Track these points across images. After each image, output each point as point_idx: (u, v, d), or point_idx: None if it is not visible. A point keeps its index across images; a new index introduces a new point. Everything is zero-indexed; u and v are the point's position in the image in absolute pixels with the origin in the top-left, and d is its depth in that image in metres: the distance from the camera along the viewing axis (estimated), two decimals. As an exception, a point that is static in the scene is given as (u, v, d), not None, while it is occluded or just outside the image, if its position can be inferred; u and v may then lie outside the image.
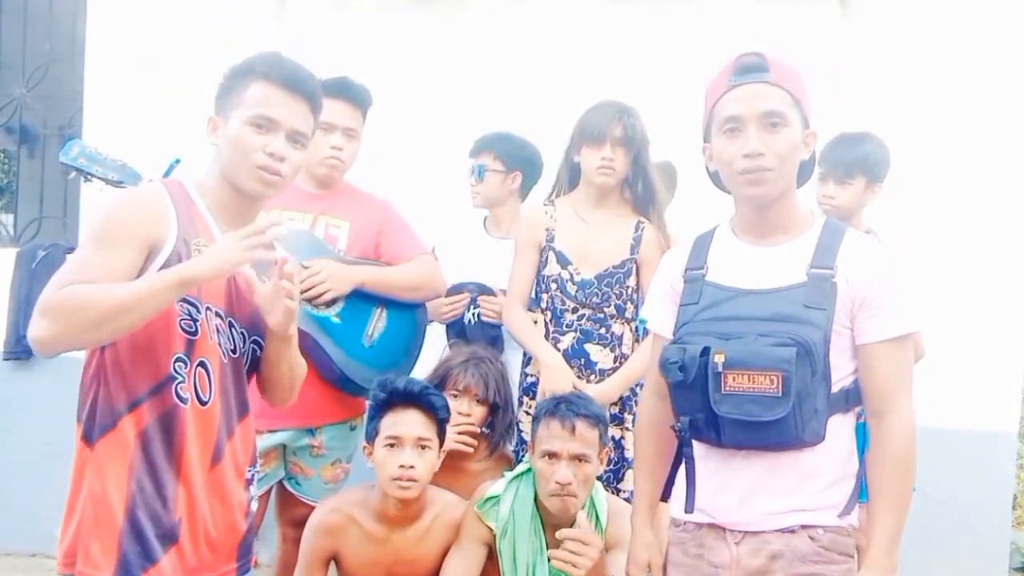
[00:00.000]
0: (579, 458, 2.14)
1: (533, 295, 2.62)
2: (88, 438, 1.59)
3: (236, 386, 1.71)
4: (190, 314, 1.60)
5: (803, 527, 1.59)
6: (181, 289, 1.50)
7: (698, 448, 1.69)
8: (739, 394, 1.56)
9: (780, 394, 1.52)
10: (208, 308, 1.63)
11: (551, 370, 2.45)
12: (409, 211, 2.71)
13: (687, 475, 1.71)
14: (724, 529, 1.64)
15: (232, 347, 1.69)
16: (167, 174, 2.28)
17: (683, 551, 1.70)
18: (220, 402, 1.66)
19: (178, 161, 2.32)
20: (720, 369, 1.56)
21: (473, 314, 2.72)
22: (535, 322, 2.57)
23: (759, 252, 1.67)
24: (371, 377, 2.42)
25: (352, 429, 2.58)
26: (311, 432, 2.48)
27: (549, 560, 2.15)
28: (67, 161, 2.27)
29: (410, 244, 2.58)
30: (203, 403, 1.63)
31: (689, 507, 1.70)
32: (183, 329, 1.60)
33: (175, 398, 1.59)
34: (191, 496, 1.62)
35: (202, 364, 1.62)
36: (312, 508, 2.43)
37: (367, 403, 2.36)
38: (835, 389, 1.59)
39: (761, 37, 3.40)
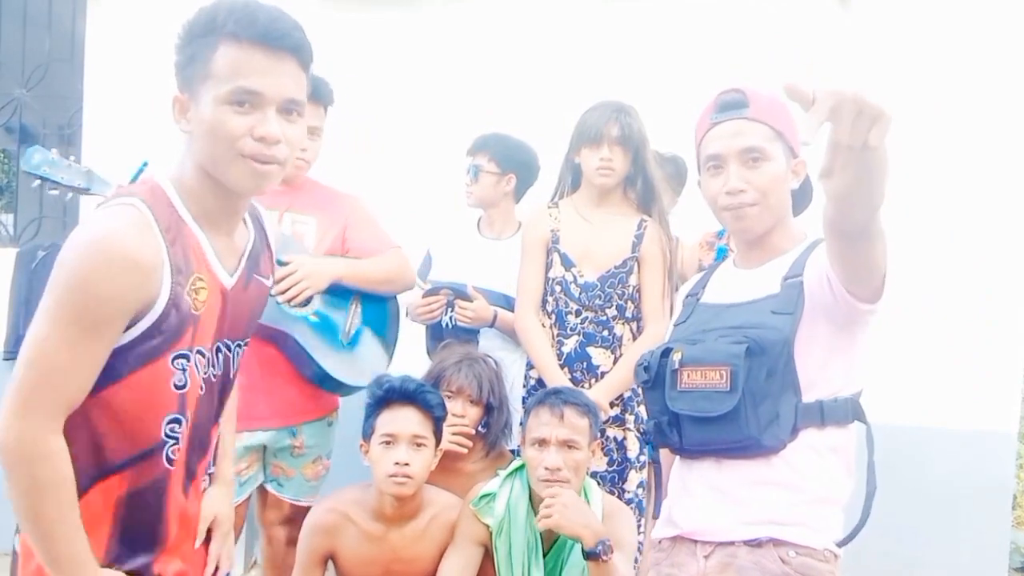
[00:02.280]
0: (568, 444, 2.16)
1: None
2: None
3: (207, 409, 1.45)
4: (183, 368, 1.34)
5: (774, 543, 1.53)
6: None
7: (674, 460, 1.72)
8: (693, 391, 1.58)
9: (728, 388, 1.53)
10: (199, 351, 1.38)
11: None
12: (404, 210, 2.71)
13: (656, 479, 1.76)
14: (695, 542, 1.62)
15: (216, 372, 1.44)
16: (136, 177, 2.16)
17: (657, 572, 1.69)
18: (191, 437, 1.42)
19: (146, 164, 2.18)
20: (676, 366, 1.60)
21: (450, 318, 2.72)
22: (542, 325, 2.57)
23: (746, 274, 1.71)
24: (351, 374, 2.42)
25: (329, 425, 2.57)
26: (292, 432, 2.45)
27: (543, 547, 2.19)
28: (29, 169, 2.16)
29: (378, 238, 2.55)
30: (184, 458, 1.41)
31: (656, 511, 1.72)
32: (175, 387, 1.34)
33: (165, 463, 1.36)
34: (169, 551, 1.41)
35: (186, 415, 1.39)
36: (296, 506, 2.45)
37: (339, 399, 2.40)
38: (808, 399, 1.55)
39: (761, 34, 3.42)
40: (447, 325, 2.71)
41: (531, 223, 2.63)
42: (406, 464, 2.14)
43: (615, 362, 2.51)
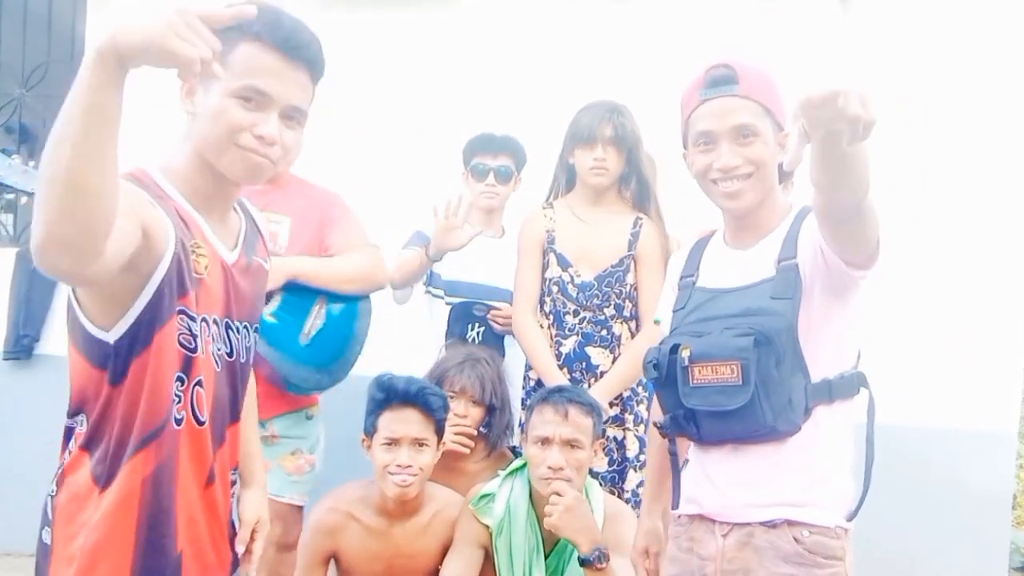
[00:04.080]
0: (571, 443, 2.16)
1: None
2: (99, 480, 1.36)
3: (229, 392, 1.51)
4: (189, 328, 1.38)
5: (788, 524, 1.57)
6: (99, 63, 1.10)
7: (690, 443, 1.74)
8: (706, 386, 1.59)
9: (741, 382, 1.54)
10: (204, 320, 1.41)
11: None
12: (404, 209, 2.69)
13: (672, 471, 1.77)
14: (714, 522, 1.65)
15: (229, 351, 1.50)
16: None
17: (677, 545, 1.73)
18: (215, 420, 1.47)
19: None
20: (687, 363, 1.61)
21: (477, 332, 2.72)
22: (540, 326, 2.57)
23: (738, 254, 1.71)
24: (309, 376, 2.38)
25: (308, 418, 2.51)
26: (261, 424, 2.25)
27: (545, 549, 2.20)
28: None
29: (355, 236, 2.47)
30: (200, 423, 1.42)
31: (675, 503, 1.75)
32: (182, 345, 1.38)
33: (174, 424, 1.38)
34: (189, 522, 1.44)
35: (199, 383, 1.41)
36: (278, 503, 2.35)
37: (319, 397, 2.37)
38: (816, 380, 1.58)
39: (761, 34, 3.42)
40: (474, 340, 2.71)
41: (527, 224, 2.63)
42: (408, 466, 2.15)
43: (614, 361, 2.51)
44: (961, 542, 3.40)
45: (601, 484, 2.40)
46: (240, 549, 1.59)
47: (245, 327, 1.54)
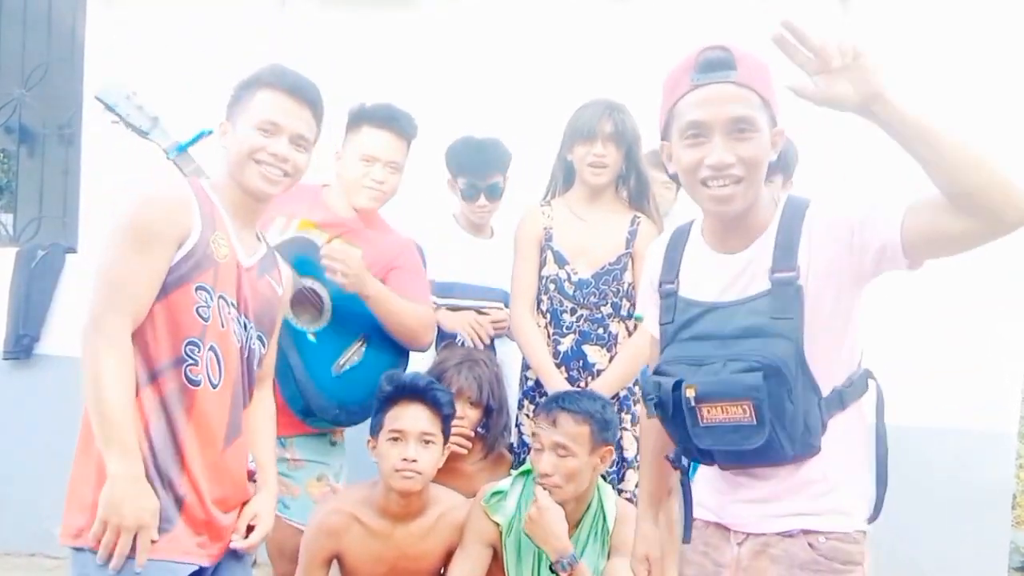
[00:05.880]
0: (559, 450, 2.16)
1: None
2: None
3: (247, 375, 1.83)
4: (206, 301, 1.71)
5: (804, 532, 1.53)
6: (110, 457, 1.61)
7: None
8: (717, 426, 1.49)
9: (755, 422, 1.45)
10: (221, 297, 1.73)
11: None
12: (404, 209, 2.69)
13: (684, 504, 1.69)
14: (728, 529, 1.62)
15: (249, 344, 1.82)
16: (194, 140, 2.26)
17: (692, 547, 1.69)
18: (232, 389, 1.77)
19: (205, 133, 2.24)
20: (693, 404, 1.49)
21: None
22: (537, 324, 2.57)
23: (725, 260, 1.57)
24: (328, 409, 2.35)
25: (332, 444, 2.50)
26: (281, 443, 2.29)
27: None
28: (100, 96, 2.28)
29: (419, 291, 2.48)
30: (214, 386, 1.73)
31: (686, 537, 1.68)
32: (199, 315, 1.70)
33: (184, 379, 1.69)
34: (196, 476, 1.70)
35: (212, 349, 1.72)
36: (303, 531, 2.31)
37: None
38: (826, 393, 1.51)
39: (761, 34, 3.41)
40: (462, 343, 2.70)
41: (524, 221, 2.62)
42: (414, 460, 2.14)
43: (611, 360, 2.51)
44: (961, 542, 3.40)
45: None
46: (235, 539, 1.81)
47: (251, 327, 1.82)
